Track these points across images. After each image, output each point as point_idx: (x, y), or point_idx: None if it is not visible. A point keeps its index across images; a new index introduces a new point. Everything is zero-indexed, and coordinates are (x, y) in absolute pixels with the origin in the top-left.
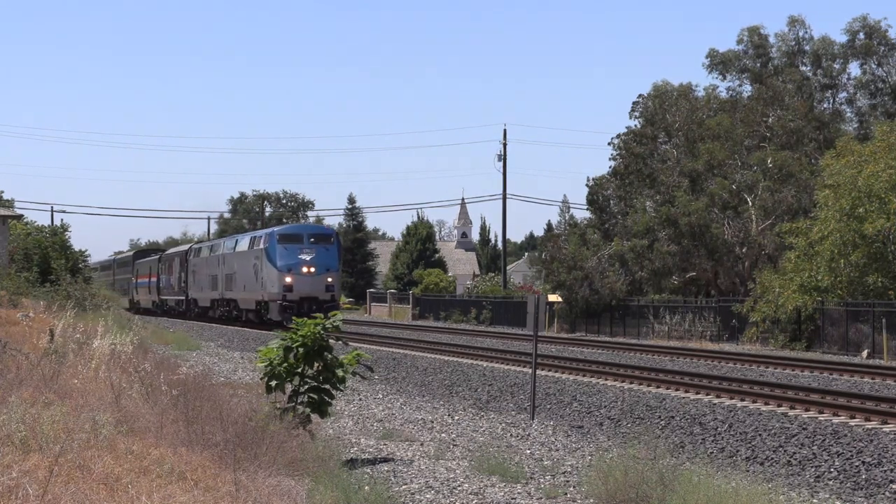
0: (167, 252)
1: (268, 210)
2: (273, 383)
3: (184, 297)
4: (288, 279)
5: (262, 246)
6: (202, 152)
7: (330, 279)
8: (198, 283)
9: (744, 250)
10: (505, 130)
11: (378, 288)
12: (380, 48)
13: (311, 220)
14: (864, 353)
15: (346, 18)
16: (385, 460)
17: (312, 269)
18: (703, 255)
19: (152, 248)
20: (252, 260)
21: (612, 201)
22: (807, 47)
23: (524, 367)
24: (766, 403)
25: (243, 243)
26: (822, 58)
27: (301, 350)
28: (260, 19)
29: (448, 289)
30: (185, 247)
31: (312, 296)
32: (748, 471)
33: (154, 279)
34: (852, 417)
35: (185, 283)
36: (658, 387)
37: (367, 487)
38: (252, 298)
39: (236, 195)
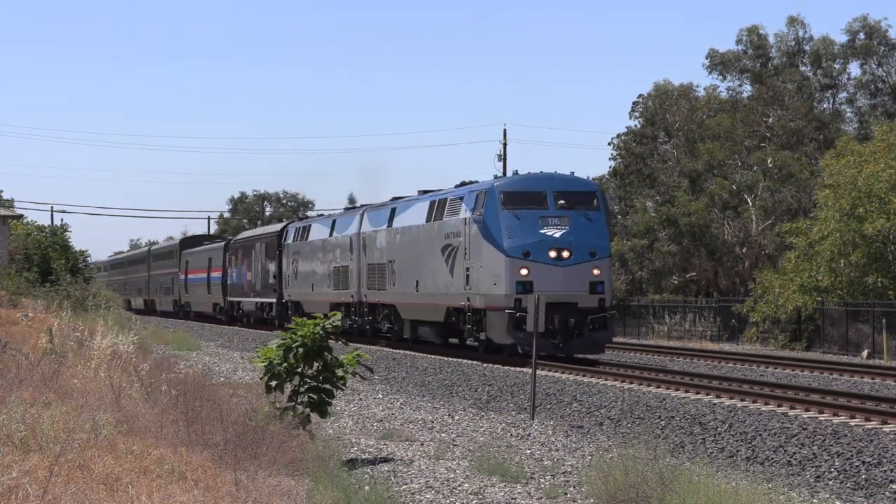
0: (241, 237)
1: (268, 210)
2: (273, 383)
3: (274, 300)
4: (523, 271)
5: (465, 214)
6: (202, 152)
7: (597, 271)
8: (304, 277)
9: (744, 250)
10: (505, 130)
11: None
12: (380, 48)
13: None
14: (864, 353)
15: (345, 18)
16: (385, 460)
17: (567, 254)
18: (703, 256)
19: (205, 236)
20: (437, 239)
21: (612, 201)
22: (807, 47)
23: (524, 367)
24: (766, 403)
25: (415, 213)
26: (822, 58)
27: (301, 350)
28: (260, 19)
29: None
30: (276, 226)
31: (567, 301)
32: (748, 471)
33: (217, 274)
34: (852, 417)
35: (279, 279)
36: (658, 387)
37: (367, 487)
38: (438, 304)
39: (236, 195)
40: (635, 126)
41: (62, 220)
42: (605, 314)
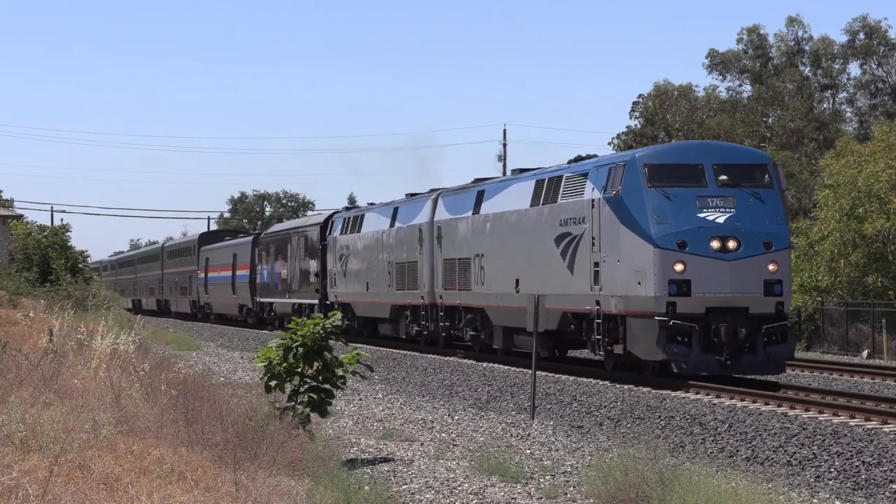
0: (274, 230)
1: (268, 210)
2: (273, 383)
3: (316, 301)
4: (678, 266)
5: (591, 194)
6: (202, 152)
7: (773, 266)
8: (355, 276)
9: None
10: (505, 130)
11: None
12: (380, 48)
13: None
14: (864, 353)
15: (345, 19)
16: (385, 460)
17: (734, 245)
18: None
19: (226, 231)
20: (548, 227)
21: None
22: (806, 47)
23: (524, 367)
24: (766, 403)
25: (513, 195)
26: (822, 58)
27: (300, 350)
28: (260, 19)
29: None
30: (317, 217)
31: (735, 305)
32: (748, 471)
33: (244, 272)
34: (852, 417)
35: (322, 278)
36: (658, 387)
37: (367, 487)
38: (549, 308)
39: (236, 195)
40: (635, 126)
41: (62, 220)
42: (785, 323)
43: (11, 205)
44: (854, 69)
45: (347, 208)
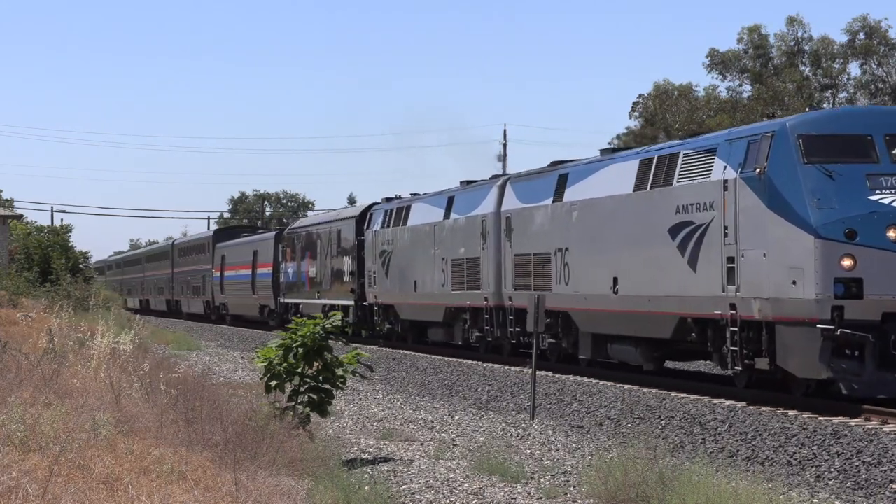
0: (300, 224)
1: (268, 210)
2: (273, 383)
3: (351, 303)
4: (846, 261)
5: (721, 174)
6: (202, 152)
7: None
8: (400, 274)
9: None
10: (505, 130)
11: None
12: (379, 48)
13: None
14: None
15: (345, 19)
16: (385, 460)
17: None
18: None
19: (243, 227)
20: (660, 215)
21: None
22: (807, 47)
23: (524, 367)
24: (766, 403)
25: (609, 178)
26: (822, 58)
27: (300, 350)
28: (260, 19)
29: None
30: (352, 209)
31: None
32: (748, 471)
33: (266, 270)
34: (852, 417)
35: (358, 276)
36: (658, 387)
37: (367, 487)
38: (662, 313)
39: (236, 195)
40: (635, 126)
41: (62, 220)
42: None
43: (11, 205)
44: (854, 69)
45: (388, 199)
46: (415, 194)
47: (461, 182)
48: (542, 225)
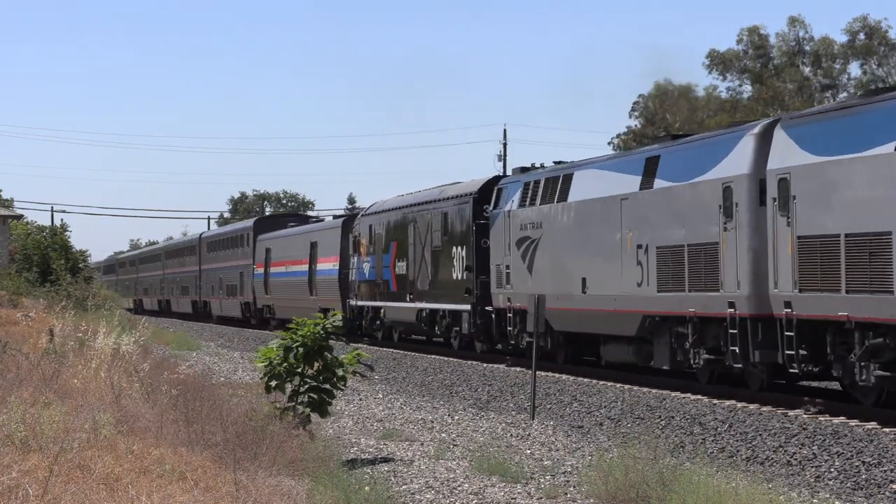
0: (380, 208)
1: (268, 210)
2: (273, 383)
3: (467, 307)
4: None
5: None
6: (202, 152)
7: None
8: (556, 269)
9: None
10: (505, 130)
11: None
12: (379, 48)
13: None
14: None
15: (345, 18)
16: (385, 460)
17: None
18: None
19: (290, 215)
20: None
21: None
22: (807, 47)
23: (524, 367)
24: (766, 403)
25: None
26: (823, 58)
27: (301, 350)
28: (260, 19)
29: None
30: (467, 184)
31: None
32: (748, 471)
33: (330, 266)
34: (852, 417)
35: (476, 273)
36: (658, 387)
37: (367, 487)
38: None
39: (236, 195)
40: (635, 126)
41: (62, 220)
42: None
43: (11, 205)
44: (854, 69)
45: (524, 169)
46: (573, 163)
47: (667, 134)
48: (864, 188)
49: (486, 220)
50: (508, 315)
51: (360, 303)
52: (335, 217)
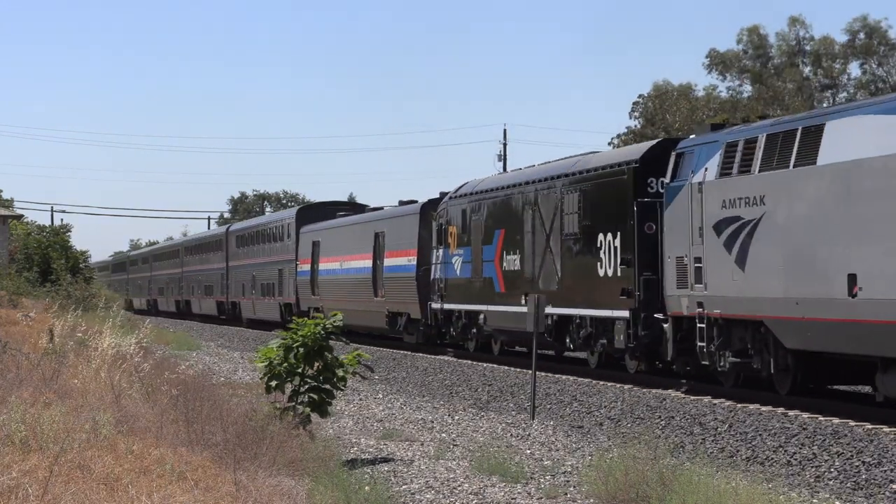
0: (481, 188)
1: (268, 210)
2: (273, 383)
3: (624, 312)
4: None
5: None
6: (202, 152)
7: None
8: (786, 260)
9: None
10: (505, 130)
11: None
12: (379, 48)
13: None
14: None
15: (346, 18)
16: (385, 460)
17: None
18: None
19: (339, 203)
20: None
21: None
22: (807, 47)
23: (524, 367)
24: (766, 403)
25: None
26: (823, 58)
27: (301, 350)
28: (260, 19)
29: None
30: (622, 153)
31: None
32: (748, 471)
33: (402, 261)
34: (852, 417)
35: (643, 266)
36: (658, 387)
37: (367, 487)
38: None
39: (236, 195)
40: (635, 126)
41: (62, 220)
42: None
43: (11, 205)
44: (854, 69)
45: (716, 127)
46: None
47: None
48: None
49: (653, 198)
50: (699, 326)
51: (446, 306)
52: (402, 203)
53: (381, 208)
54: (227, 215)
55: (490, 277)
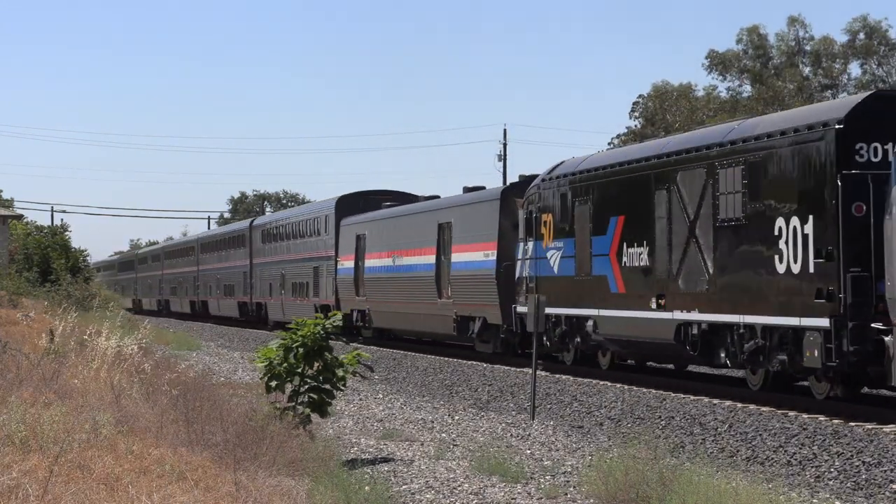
0: (587, 167)
1: (268, 210)
2: (273, 383)
3: (822, 322)
4: None
5: None
6: (202, 152)
7: None
8: None
9: None
10: (505, 130)
11: None
12: (380, 48)
13: None
14: None
15: (346, 18)
16: (385, 460)
17: None
18: None
19: (383, 192)
20: None
21: None
22: (807, 47)
23: (524, 367)
24: (766, 403)
25: None
26: (823, 58)
27: (301, 350)
28: (260, 19)
29: None
30: (825, 108)
31: None
32: (748, 471)
33: (475, 257)
34: (852, 417)
35: (855, 260)
36: (658, 387)
37: (367, 487)
38: None
39: (236, 195)
40: (635, 126)
41: (62, 220)
42: None
43: (11, 205)
44: (854, 69)
45: None
46: None
47: None
48: None
49: (864, 170)
50: None
51: (551, 310)
52: (468, 190)
53: (437, 197)
54: (227, 215)
55: (603, 275)
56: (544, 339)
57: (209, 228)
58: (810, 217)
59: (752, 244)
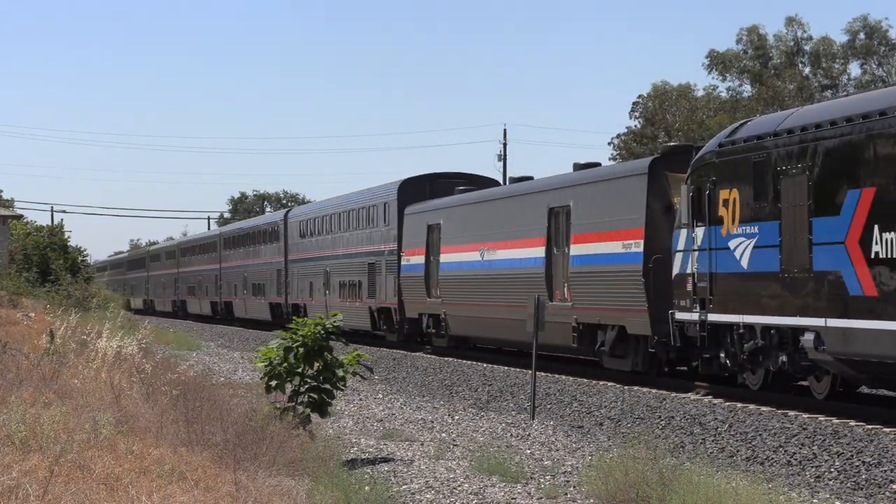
0: (772, 125)
1: (268, 210)
2: (273, 383)
3: None
4: None
5: None
6: (202, 152)
7: None
8: None
9: None
10: (505, 130)
11: None
12: (380, 48)
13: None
14: None
15: (346, 18)
16: (385, 460)
17: None
18: None
19: (455, 175)
20: None
21: None
22: (807, 47)
23: (524, 367)
24: (766, 403)
25: None
26: (823, 58)
27: (301, 350)
28: (260, 19)
29: None
30: None
31: None
32: (748, 471)
33: (617, 247)
34: (852, 417)
35: None
36: (658, 387)
37: (367, 487)
38: None
39: (236, 195)
40: (635, 126)
41: (62, 220)
42: None
43: (11, 205)
44: (854, 69)
45: None
46: None
47: None
48: None
49: None
50: None
51: (714, 317)
52: (579, 167)
53: (531, 177)
54: (227, 215)
55: (835, 271)
56: (721, 356)
57: (209, 229)
58: None
59: None
